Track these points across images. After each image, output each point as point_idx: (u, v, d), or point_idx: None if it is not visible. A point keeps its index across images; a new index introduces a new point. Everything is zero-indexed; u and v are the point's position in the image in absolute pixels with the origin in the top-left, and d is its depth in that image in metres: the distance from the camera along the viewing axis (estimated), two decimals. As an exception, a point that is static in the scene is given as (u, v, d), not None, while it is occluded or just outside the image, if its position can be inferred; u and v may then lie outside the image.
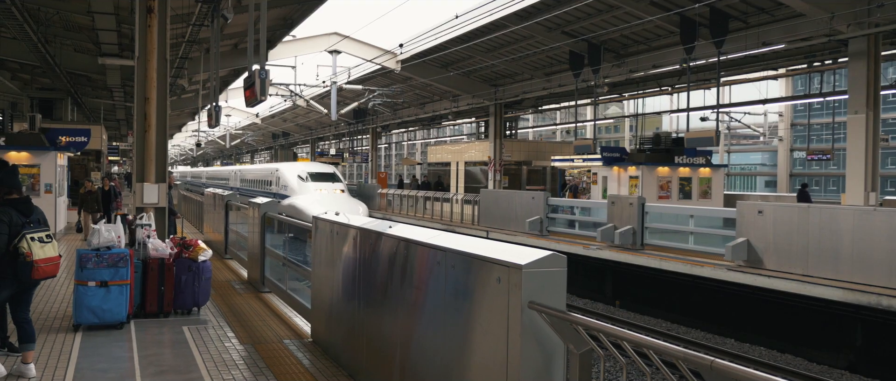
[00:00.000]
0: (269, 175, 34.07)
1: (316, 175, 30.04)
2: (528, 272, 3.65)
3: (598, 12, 20.28)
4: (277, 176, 31.97)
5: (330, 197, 27.31)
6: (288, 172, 31.02)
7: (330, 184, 29.35)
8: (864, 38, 15.20)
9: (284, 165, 32.63)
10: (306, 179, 29.43)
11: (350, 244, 6.53)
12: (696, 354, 2.63)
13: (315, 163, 36.05)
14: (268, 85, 9.98)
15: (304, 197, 27.57)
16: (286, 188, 30.01)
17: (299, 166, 31.80)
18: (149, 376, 6.33)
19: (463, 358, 4.34)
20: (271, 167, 34.79)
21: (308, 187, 28.80)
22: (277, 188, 31.23)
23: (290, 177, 30.26)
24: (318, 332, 7.63)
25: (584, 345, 3.46)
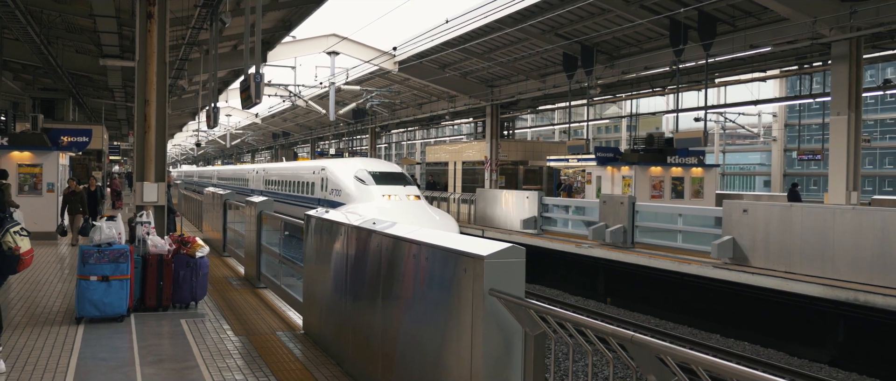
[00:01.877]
0: (309, 175, 26.54)
1: (380, 176, 22.65)
2: (490, 263, 4.03)
3: (591, 15, 20.68)
4: (324, 177, 24.55)
5: (404, 207, 20.54)
6: (340, 171, 23.85)
7: (400, 188, 22.05)
8: (847, 42, 15.58)
9: (334, 164, 25.03)
10: (367, 182, 22.25)
11: (338, 241, 6.91)
12: (622, 330, 3.02)
13: (372, 159, 27.95)
14: (262, 88, 10.37)
15: (368, 207, 20.44)
16: (339, 194, 23.08)
17: (354, 164, 24.30)
18: (147, 364, 6.71)
19: (435, 342, 4.72)
20: (312, 165, 26.97)
21: (371, 193, 21.68)
22: (324, 193, 24.34)
23: (345, 178, 23.13)
24: (310, 324, 8.01)
25: (538, 328, 3.84)
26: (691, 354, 2.65)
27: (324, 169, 24.68)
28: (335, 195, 23.00)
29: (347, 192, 22.30)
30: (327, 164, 24.92)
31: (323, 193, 24.18)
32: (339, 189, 22.81)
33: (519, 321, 3.96)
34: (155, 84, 10.61)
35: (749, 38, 17.80)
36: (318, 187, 24.77)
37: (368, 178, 22.28)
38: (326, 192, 23.78)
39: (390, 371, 5.50)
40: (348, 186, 22.39)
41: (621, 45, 22.67)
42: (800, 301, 12.90)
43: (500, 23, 22.51)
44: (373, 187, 21.71)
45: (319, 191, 24.60)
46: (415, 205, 21.00)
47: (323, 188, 24.35)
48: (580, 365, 11.78)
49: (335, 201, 22.32)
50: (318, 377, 6.44)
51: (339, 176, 23.37)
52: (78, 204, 16.68)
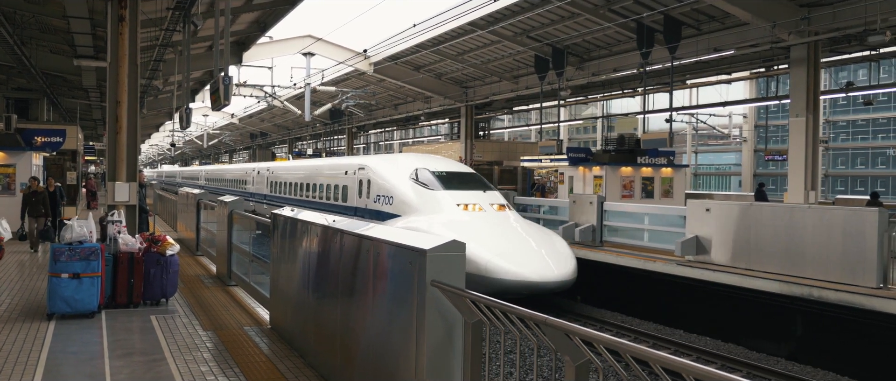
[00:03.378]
0: (340, 177, 19.94)
1: (449, 178, 16.68)
2: (432, 256, 4.35)
3: (561, 19, 21.08)
4: (365, 179, 18.15)
5: (494, 223, 15.09)
6: (389, 171, 17.53)
7: (479, 195, 16.15)
8: (805, 46, 16.08)
9: (377, 161, 18.71)
10: (432, 186, 16.24)
11: (302, 239, 7.19)
12: (539, 314, 3.35)
13: (427, 155, 20.93)
14: (231, 90, 10.62)
15: (437, 221, 14.98)
16: (389, 202, 16.88)
17: (407, 161, 17.89)
18: (117, 357, 6.95)
19: (387, 332, 5.03)
20: (344, 164, 20.40)
21: (440, 202, 15.71)
22: (364, 200, 18.06)
23: (398, 181, 16.88)
24: (276, 319, 8.29)
25: (474, 316, 4.16)
26: (594, 333, 2.98)
27: (363, 168, 18.21)
28: (383, 204, 16.76)
29: (403, 199, 16.08)
30: (368, 161, 18.55)
31: (362, 200, 17.77)
32: (388, 195, 16.60)
33: (458, 309, 4.28)
34: (126, 86, 10.83)
35: (713, 41, 18.30)
36: (355, 193, 18.42)
37: (432, 180, 16.13)
38: (368, 198, 17.45)
39: (348, 361, 5.81)
40: (404, 192, 16.17)
41: (591, 47, 23.12)
42: (759, 297, 13.31)
43: (473, 25, 22.86)
44: (441, 194, 15.61)
45: (357, 198, 18.26)
46: (502, 217, 15.20)
47: (362, 194, 17.97)
48: (518, 351, 12.11)
49: (382, 212, 16.51)
50: (282, 369, 6.72)
51: (389, 178, 16.93)
52: (40, 206, 15.37)
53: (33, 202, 15.26)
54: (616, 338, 2.88)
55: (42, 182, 17.17)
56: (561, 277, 13.17)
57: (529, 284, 12.66)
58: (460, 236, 12.28)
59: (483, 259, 12.83)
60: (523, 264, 12.46)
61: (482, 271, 12.57)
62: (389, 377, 4.93)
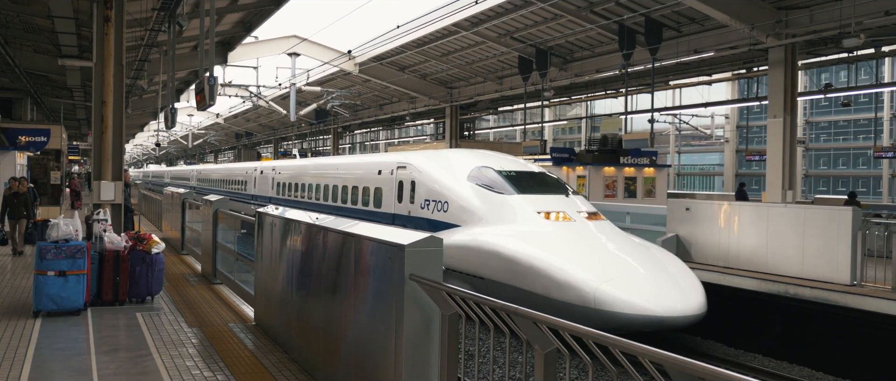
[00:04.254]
0: (372, 177, 16.41)
1: (519, 178, 13.43)
2: (410, 251, 4.52)
3: (545, 20, 21.29)
4: (409, 180, 14.72)
5: (584, 235, 11.96)
6: (442, 170, 14.15)
7: (561, 200, 12.97)
8: (782, 48, 16.37)
9: (425, 158, 15.02)
10: (501, 189, 12.95)
11: (286, 236, 7.34)
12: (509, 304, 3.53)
13: (483, 151, 15.76)
14: (216, 91, 10.74)
15: (515, 233, 11.80)
16: (443, 208, 13.49)
17: (463, 158, 14.50)
18: (103, 353, 7.07)
19: (367, 325, 5.20)
20: (379, 161, 16.72)
21: (514, 209, 12.44)
22: (407, 205, 14.64)
23: (455, 183, 13.57)
24: (260, 315, 8.43)
25: (451, 308, 4.33)
26: (560, 322, 3.16)
27: (404, 167, 14.81)
28: (434, 211, 13.44)
29: (462, 205, 12.80)
30: (411, 158, 14.96)
31: (403, 205, 14.44)
32: (441, 200, 13.32)
33: (435, 302, 4.45)
34: (112, 86, 10.92)
35: (693, 42, 18.58)
36: (393, 196, 15.03)
37: (499, 181, 12.91)
38: (411, 204, 14.16)
39: (331, 355, 5.97)
40: (463, 196, 12.92)
41: (574, 48, 23.36)
42: (737, 294, 13.56)
43: (457, 26, 23.04)
44: (514, 198, 12.42)
45: (394, 202, 14.89)
46: (602, 232, 11.96)
47: (404, 197, 14.59)
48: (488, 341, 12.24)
49: (434, 220, 13.29)
50: (266, 363, 6.86)
51: (442, 178, 13.67)
52: (21, 207, 14.68)
53: (15, 204, 14.52)
54: (579, 326, 3.06)
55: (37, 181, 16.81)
56: (693, 310, 10.10)
57: (655, 319, 9.64)
58: (550, 253, 10.65)
59: (588, 286, 9.75)
60: (645, 295, 9.59)
61: (588, 301, 9.54)
62: (370, 370, 5.10)
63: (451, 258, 12.04)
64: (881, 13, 14.28)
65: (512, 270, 10.82)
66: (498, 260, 11.11)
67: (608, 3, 18.60)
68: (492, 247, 11.32)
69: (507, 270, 10.90)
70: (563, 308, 9.44)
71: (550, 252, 10.70)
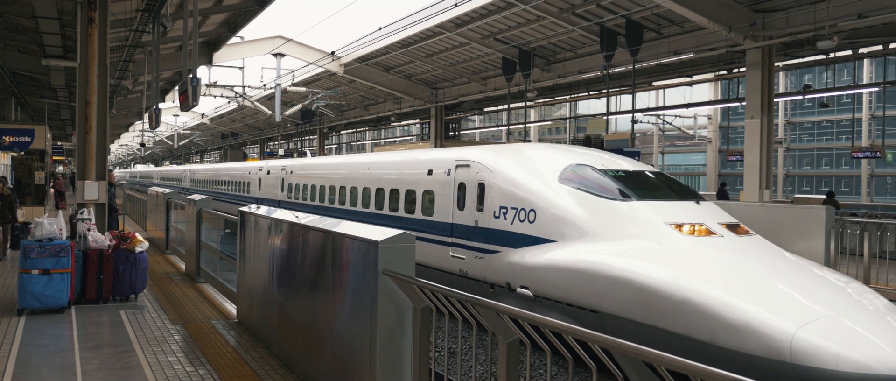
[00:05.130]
0: (423, 179, 13.58)
1: (629, 179, 10.44)
2: (384, 247, 4.70)
3: (527, 22, 21.51)
4: (477, 181, 11.73)
5: (742, 255, 8.78)
6: (520, 169, 11.19)
7: (692, 207, 9.93)
8: (759, 50, 16.67)
9: (494, 155, 12.04)
10: (609, 193, 9.95)
11: (266, 234, 7.50)
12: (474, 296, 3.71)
13: (573, 147, 13.76)
14: (199, 91, 10.87)
15: (642, 250, 8.87)
16: (528, 217, 10.46)
17: (550, 155, 11.45)
18: (86, 349, 7.21)
19: (344, 319, 5.37)
20: (431, 159, 13.89)
21: (636, 219, 9.41)
22: (475, 215, 11.59)
23: (541, 184, 10.59)
24: (242, 312, 8.58)
25: (422, 302, 4.51)
26: (520, 311, 3.34)
27: (466, 165, 12.02)
28: (514, 220, 10.59)
29: (557, 213, 10.02)
30: (476, 155, 12.11)
31: (467, 213, 11.70)
32: (525, 207, 10.46)
33: (408, 296, 4.63)
34: (96, 86, 11.03)
35: (673, 44, 18.85)
36: (451, 202, 12.25)
37: (608, 183, 10.12)
38: (478, 211, 11.35)
39: (310, 349, 6.13)
40: (557, 202, 10.11)
41: (557, 50, 23.60)
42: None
43: (440, 28, 23.22)
44: (633, 206, 9.65)
45: (453, 209, 12.11)
46: (761, 251, 9.11)
47: (467, 204, 11.75)
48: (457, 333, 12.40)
49: (514, 233, 10.53)
50: (247, 358, 7.02)
51: (523, 179, 10.78)
52: (6, 211, 14.14)
53: (0, 207, 14.00)
54: (538, 315, 3.24)
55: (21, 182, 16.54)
56: None
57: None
58: (709, 282, 7.61)
59: (780, 333, 7.02)
60: (864, 345, 6.82)
61: (781, 353, 6.93)
62: (347, 362, 5.27)
63: (542, 283, 9.59)
64: (854, 16, 14.59)
65: (650, 304, 7.97)
66: (625, 289, 8.24)
67: (589, 5, 18.83)
68: (615, 271, 8.48)
69: (641, 303, 8.07)
70: (738, 360, 7.04)
71: (708, 281, 7.81)
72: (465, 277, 11.56)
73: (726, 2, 16.29)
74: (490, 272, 10.89)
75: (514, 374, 3.63)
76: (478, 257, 11.12)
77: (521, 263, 10.14)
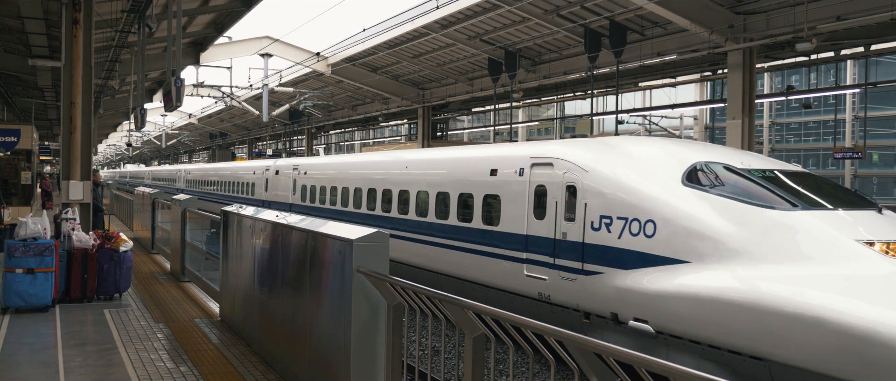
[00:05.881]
0: (486, 181, 11.44)
1: (781, 181, 8.50)
2: (358, 245, 4.83)
3: (513, 23, 21.65)
4: (565, 184, 9.64)
5: None
6: (627, 169, 9.08)
7: (874, 217, 7.84)
8: (740, 51, 16.89)
9: (589, 151, 9.80)
10: (765, 201, 7.85)
11: (248, 233, 7.61)
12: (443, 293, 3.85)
13: (680, 141, 11.98)
14: (183, 92, 10.96)
15: (846, 282, 6.69)
16: (645, 231, 8.28)
17: (664, 149, 9.43)
18: (70, 347, 7.30)
19: (322, 316, 5.50)
20: (497, 156, 11.66)
21: (811, 236, 7.31)
22: (564, 226, 9.49)
23: (660, 188, 8.52)
24: (225, 311, 8.69)
25: (395, 299, 4.64)
26: (484, 307, 3.48)
27: (549, 164, 10.12)
28: (621, 234, 8.68)
29: (692, 226, 7.97)
30: (561, 150, 10.17)
31: (549, 223, 9.81)
32: (641, 217, 8.49)
33: (381, 293, 4.76)
34: (80, 87, 11.11)
35: (657, 45, 19.04)
36: (528, 210, 10.29)
37: (757, 189, 8.26)
38: (568, 221, 9.50)
39: (289, 346, 6.25)
40: (690, 213, 8.07)
41: (542, 51, 23.75)
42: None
43: (426, 28, 23.34)
44: (801, 218, 7.65)
45: (530, 219, 10.24)
46: None
47: (550, 213, 9.84)
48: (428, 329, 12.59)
49: (625, 251, 8.59)
50: (229, 356, 7.13)
51: (637, 182, 8.84)
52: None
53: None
54: (499, 310, 3.38)
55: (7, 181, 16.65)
56: None
57: None
58: None
59: None
60: None
61: None
62: (324, 358, 5.40)
63: (672, 317, 7.68)
64: (833, 18, 14.80)
65: (863, 355, 6.08)
66: (817, 332, 6.40)
67: (573, 6, 18.99)
68: (801, 307, 6.57)
69: (844, 352, 6.20)
70: None
71: None
72: (545, 302, 9.67)
73: (707, 4, 16.49)
74: (585, 298, 8.93)
75: (479, 366, 3.77)
76: (567, 279, 9.17)
77: (636, 288, 8.13)
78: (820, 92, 22.57)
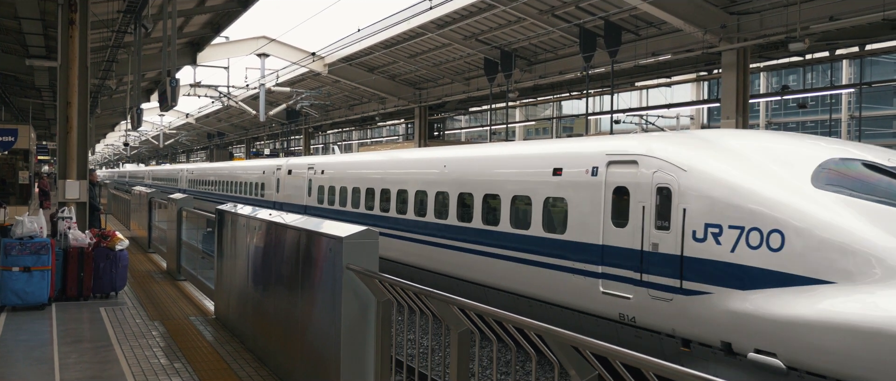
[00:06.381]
0: (553, 181, 9.99)
1: None
2: (348, 242, 4.91)
3: (509, 23, 21.73)
4: (656, 185, 8.22)
5: None
6: (739, 170, 7.69)
7: None
8: (734, 52, 16.98)
9: (677, 145, 8.50)
10: None
11: (242, 232, 7.69)
12: (429, 289, 3.93)
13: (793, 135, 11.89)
14: (178, 92, 11.04)
15: None
16: (773, 246, 6.95)
17: (779, 144, 8.21)
18: (65, 344, 7.38)
19: (314, 313, 5.58)
20: (566, 153, 10.22)
21: None
22: (655, 235, 8.11)
23: (797, 196, 7.12)
24: (220, 309, 8.77)
25: (384, 295, 4.72)
26: (468, 302, 3.56)
27: (633, 162, 8.75)
28: (734, 247, 7.32)
29: (841, 240, 6.62)
30: (646, 146, 8.81)
31: (631, 231, 8.51)
32: (763, 227, 7.12)
33: (370, 289, 4.85)
34: (76, 87, 11.18)
35: (651, 45, 19.12)
36: (604, 215, 8.97)
37: None
38: (660, 229, 8.11)
39: (282, 343, 6.33)
40: (833, 222, 6.76)
41: (538, 51, 23.83)
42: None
43: (422, 28, 23.41)
44: None
45: (606, 226, 8.90)
46: None
47: (637, 219, 8.41)
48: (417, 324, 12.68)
49: (740, 267, 7.23)
50: (223, 353, 7.21)
51: (756, 184, 7.47)
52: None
53: None
54: (482, 305, 3.46)
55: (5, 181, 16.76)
56: None
57: None
58: None
59: None
60: None
61: None
62: (315, 354, 5.48)
63: (813, 351, 6.52)
64: (826, 18, 14.88)
65: None
66: None
67: (568, 6, 19.06)
68: None
69: None
70: None
71: None
72: (628, 324, 8.34)
73: (701, 4, 16.57)
74: (685, 322, 7.67)
75: (465, 360, 3.86)
76: (659, 298, 7.87)
77: (759, 313, 6.89)
78: (814, 92, 22.67)
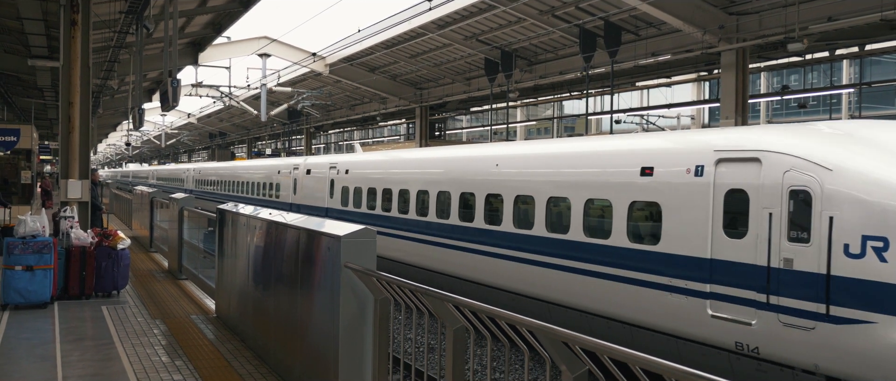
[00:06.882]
0: (640, 183, 8.60)
1: None
2: (346, 242, 4.98)
3: (509, 24, 21.80)
4: (790, 187, 6.90)
5: None
6: None
7: None
8: (733, 52, 17.03)
9: (822, 141, 7.10)
10: None
11: (242, 231, 7.77)
12: (424, 286, 4.00)
13: None
14: (179, 92, 11.12)
15: None
16: None
17: None
18: (67, 342, 7.46)
19: (312, 311, 5.65)
20: (658, 149, 8.86)
21: None
22: (807, 253, 6.69)
23: None
24: (221, 308, 8.84)
25: (381, 293, 4.79)
26: (462, 300, 3.63)
27: (754, 160, 7.36)
28: None
29: None
30: (771, 140, 7.44)
31: (763, 243, 7.11)
32: None
33: (368, 288, 4.92)
34: (78, 87, 11.26)
35: (651, 46, 19.18)
36: (712, 224, 7.65)
37: None
38: (796, 242, 6.86)
39: (281, 341, 6.41)
40: None
41: (538, 51, 23.89)
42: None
43: (423, 29, 23.48)
44: None
45: (716, 236, 7.60)
46: None
47: (753, 227, 7.24)
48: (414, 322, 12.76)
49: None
50: (223, 351, 7.28)
51: None
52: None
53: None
54: (476, 302, 3.53)
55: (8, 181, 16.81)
56: None
57: None
58: None
59: None
60: None
61: None
62: (314, 351, 5.55)
63: None
64: (824, 19, 14.93)
65: None
66: None
67: (568, 7, 19.12)
68: None
69: None
70: None
71: None
72: (748, 355, 7.22)
73: (700, 5, 16.62)
74: (834, 357, 6.53)
75: (460, 357, 3.93)
76: (795, 326, 6.71)
77: None
78: (814, 92, 22.70)
